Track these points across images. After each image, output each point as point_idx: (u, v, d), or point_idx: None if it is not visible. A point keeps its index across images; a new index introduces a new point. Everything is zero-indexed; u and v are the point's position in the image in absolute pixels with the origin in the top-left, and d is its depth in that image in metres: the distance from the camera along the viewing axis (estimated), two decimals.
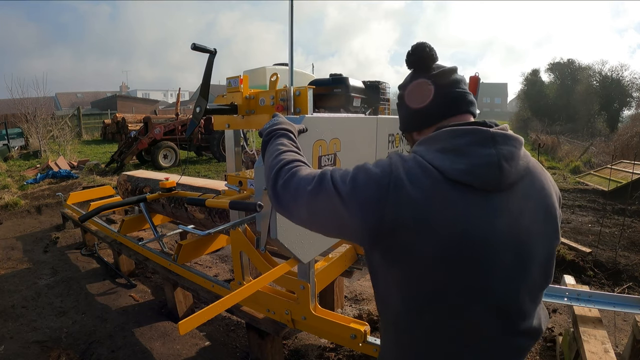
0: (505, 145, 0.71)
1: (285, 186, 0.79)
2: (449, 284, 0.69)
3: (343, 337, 1.73)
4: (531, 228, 0.74)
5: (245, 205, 1.37)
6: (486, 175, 0.69)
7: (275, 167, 0.84)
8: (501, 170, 0.69)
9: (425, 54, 0.84)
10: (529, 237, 0.73)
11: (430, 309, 0.71)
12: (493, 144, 0.70)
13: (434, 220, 0.67)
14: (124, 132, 13.22)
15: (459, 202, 0.68)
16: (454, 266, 0.68)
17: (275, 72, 1.73)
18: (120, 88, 46.27)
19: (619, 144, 11.13)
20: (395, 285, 0.74)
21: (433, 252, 0.67)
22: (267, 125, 1.04)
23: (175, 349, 2.38)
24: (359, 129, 1.78)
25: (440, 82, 0.83)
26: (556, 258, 3.21)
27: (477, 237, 0.67)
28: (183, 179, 2.98)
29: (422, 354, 0.75)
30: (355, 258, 2.57)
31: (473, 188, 0.68)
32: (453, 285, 0.69)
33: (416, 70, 0.87)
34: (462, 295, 0.69)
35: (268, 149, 0.94)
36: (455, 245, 0.67)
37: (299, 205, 0.77)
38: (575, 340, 1.95)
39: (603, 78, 20.22)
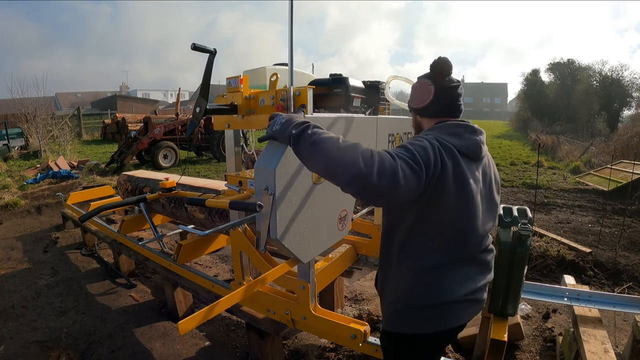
0: (480, 135, 1.20)
1: (381, 175, 0.94)
2: (455, 213, 1.10)
3: (343, 337, 1.73)
4: (492, 184, 1.25)
5: (245, 205, 1.38)
6: (475, 149, 1.16)
7: (358, 158, 0.96)
8: (481, 148, 1.18)
9: (448, 67, 1.21)
10: (492, 190, 1.25)
11: (441, 230, 1.12)
12: (475, 133, 1.19)
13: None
14: (124, 132, 13.22)
15: (463, 163, 1.10)
16: (461, 203, 1.09)
17: (275, 72, 1.73)
18: (120, 88, 46.26)
19: (619, 144, 11.12)
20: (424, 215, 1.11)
21: (453, 193, 1.07)
22: (286, 122, 1.08)
23: (175, 349, 2.38)
24: (359, 129, 1.78)
25: (450, 92, 1.23)
26: (556, 258, 3.17)
27: (472, 185, 1.11)
28: (183, 179, 2.98)
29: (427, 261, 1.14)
30: (355, 258, 2.57)
31: (468, 156, 1.13)
32: (458, 215, 1.11)
33: (438, 76, 1.22)
34: (462, 223, 1.13)
35: (322, 140, 1.00)
36: (462, 189, 1.09)
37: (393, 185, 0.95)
38: (575, 340, 1.96)
39: (603, 78, 20.19)
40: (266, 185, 1.28)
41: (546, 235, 3.88)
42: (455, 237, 1.13)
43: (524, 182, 7.04)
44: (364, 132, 1.83)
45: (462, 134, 1.15)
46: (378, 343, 1.69)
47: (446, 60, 1.20)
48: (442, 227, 1.12)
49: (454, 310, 1.16)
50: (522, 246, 1.61)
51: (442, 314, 1.15)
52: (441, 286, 1.14)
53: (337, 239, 1.79)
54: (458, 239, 1.14)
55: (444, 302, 1.14)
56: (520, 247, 1.61)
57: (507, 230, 1.68)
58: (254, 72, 1.97)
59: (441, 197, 1.06)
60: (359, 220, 2.60)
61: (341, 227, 1.76)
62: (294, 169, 1.37)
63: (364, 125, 1.82)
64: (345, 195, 1.73)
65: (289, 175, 1.34)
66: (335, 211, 1.69)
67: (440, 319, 1.15)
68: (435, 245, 1.13)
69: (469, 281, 1.17)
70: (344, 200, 1.74)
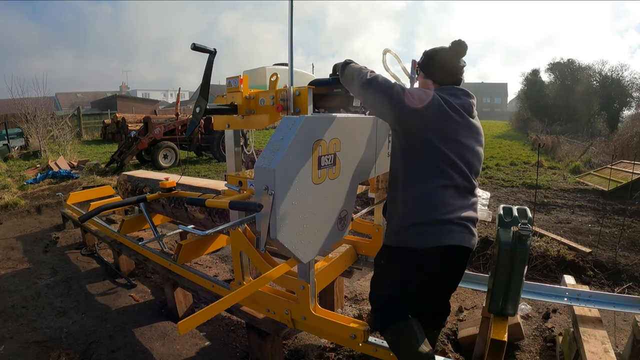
0: (473, 98, 1.57)
1: (374, 80, 1.49)
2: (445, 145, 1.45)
3: (343, 337, 1.73)
4: (478, 136, 1.56)
5: (245, 205, 1.37)
6: (467, 108, 1.52)
7: (363, 71, 1.53)
8: (472, 107, 1.55)
9: (463, 50, 1.55)
10: (478, 140, 1.55)
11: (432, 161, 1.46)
12: (468, 96, 1.55)
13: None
14: (124, 132, 13.22)
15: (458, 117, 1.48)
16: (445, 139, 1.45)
17: (275, 72, 1.73)
18: (120, 88, 46.27)
19: (619, 144, 11.12)
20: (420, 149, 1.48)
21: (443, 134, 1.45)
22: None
23: (175, 349, 2.38)
24: (359, 129, 1.78)
25: (457, 68, 1.59)
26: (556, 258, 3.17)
27: (460, 131, 1.48)
28: (183, 179, 2.98)
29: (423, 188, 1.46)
30: (355, 258, 2.57)
31: (462, 112, 1.48)
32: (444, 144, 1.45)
33: (455, 52, 1.56)
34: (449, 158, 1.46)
35: (351, 66, 1.59)
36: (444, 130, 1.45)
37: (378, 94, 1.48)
38: (575, 340, 1.95)
39: (603, 78, 20.17)
40: (266, 185, 1.28)
41: (546, 235, 3.88)
42: (444, 169, 1.44)
43: (524, 182, 7.04)
44: (363, 132, 1.83)
45: (459, 95, 1.52)
46: (378, 343, 1.69)
47: (464, 44, 1.53)
48: (433, 159, 1.45)
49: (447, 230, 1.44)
50: (522, 246, 1.61)
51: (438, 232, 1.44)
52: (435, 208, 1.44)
53: (337, 239, 1.79)
54: (446, 170, 1.45)
55: (439, 220, 1.43)
56: (520, 247, 1.61)
57: (507, 230, 1.68)
58: (254, 72, 1.97)
59: (434, 136, 1.43)
60: (359, 220, 2.59)
61: (341, 227, 1.75)
62: (294, 168, 1.37)
63: (364, 125, 1.83)
64: (345, 196, 1.73)
65: (289, 175, 1.34)
66: (335, 211, 1.69)
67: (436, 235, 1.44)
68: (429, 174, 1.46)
69: (458, 208, 1.46)
70: (344, 201, 1.74)
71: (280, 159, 1.28)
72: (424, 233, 1.43)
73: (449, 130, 1.45)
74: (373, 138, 1.92)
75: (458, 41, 1.53)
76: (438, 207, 1.43)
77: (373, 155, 1.94)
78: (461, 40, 1.52)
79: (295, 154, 1.36)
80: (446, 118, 1.44)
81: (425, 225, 1.43)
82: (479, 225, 4.35)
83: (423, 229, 1.44)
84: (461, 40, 1.52)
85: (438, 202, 1.43)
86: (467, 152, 1.48)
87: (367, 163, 1.88)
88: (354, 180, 1.78)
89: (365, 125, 1.83)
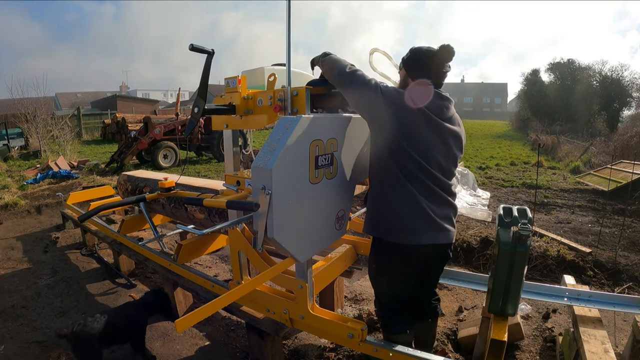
0: (450, 102, 1.60)
1: (352, 74, 1.54)
2: (413, 146, 1.50)
3: (341, 336, 1.73)
4: (452, 139, 1.59)
5: (242, 204, 1.38)
6: (439, 111, 1.55)
7: (342, 64, 1.57)
8: (447, 110, 1.58)
9: (449, 56, 1.56)
10: (452, 142, 1.59)
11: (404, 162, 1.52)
12: (445, 100, 1.58)
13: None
14: (124, 132, 13.23)
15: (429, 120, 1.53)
16: (415, 140, 1.50)
17: (274, 72, 1.73)
18: (120, 88, 46.30)
19: (619, 144, 11.11)
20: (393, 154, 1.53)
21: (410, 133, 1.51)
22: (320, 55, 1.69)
23: (175, 349, 2.38)
24: (357, 129, 1.78)
25: (441, 71, 1.58)
26: (556, 258, 3.17)
27: (426, 130, 1.52)
28: (183, 178, 2.98)
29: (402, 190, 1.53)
30: (355, 258, 2.57)
31: (430, 115, 1.51)
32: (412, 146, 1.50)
33: (442, 57, 1.55)
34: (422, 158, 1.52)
35: (332, 58, 1.62)
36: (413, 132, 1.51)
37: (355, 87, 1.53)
38: (575, 340, 1.95)
39: (603, 78, 20.15)
40: (263, 184, 1.28)
41: (546, 235, 3.87)
42: (415, 172, 1.51)
43: (524, 182, 7.03)
44: (361, 132, 1.83)
45: (434, 99, 1.55)
46: (378, 342, 1.69)
47: (452, 50, 1.52)
48: (405, 162, 1.50)
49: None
50: (522, 246, 1.61)
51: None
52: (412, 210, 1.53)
53: (334, 238, 1.79)
54: (417, 175, 1.51)
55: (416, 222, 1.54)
56: (520, 247, 1.61)
57: (507, 230, 1.68)
58: (252, 72, 1.97)
59: (396, 130, 1.49)
60: (358, 220, 2.59)
61: (338, 227, 1.75)
62: (291, 168, 1.37)
63: (361, 125, 1.82)
64: (342, 195, 1.73)
65: (286, 175, 1.34)
66: (332, 211, 1.69)
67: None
68: (403, 177, 1.51)
69: (433, 209, 1.53)
70: (342, 200, 1.74)
71: (277, 159, 1.28)
72: (393, 230, 1.56)
73: (418, 131, 1.49)
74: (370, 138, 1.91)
75: (447, 46, 1.52)
76: (414, 210, 1.52)
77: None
78: (450, 46, 1.52)
79: (293, 154, 1.36)
80: (415, 118, 1.48)
81: (393, 224, 1.56)
82: (479, 225, 4.35)
83: (392, 227, 1.56)
84: (450, 46, 1.52)
85: (414, 204, 1.51)
86: (439, 154, 1.53)
87: (365, 163, 1.88)
88: (351, 180, 1.78)
89: (362, 125, 1.82)
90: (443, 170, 1.57)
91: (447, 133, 1.56)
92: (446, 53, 1.52)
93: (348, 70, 1.54)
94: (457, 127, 1.63)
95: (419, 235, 1.53)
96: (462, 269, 2.94)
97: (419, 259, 1.63)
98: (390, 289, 1.72)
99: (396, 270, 1.66)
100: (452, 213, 1.62)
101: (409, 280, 1.69)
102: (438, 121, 1.53)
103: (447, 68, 1.57)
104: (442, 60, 1.54)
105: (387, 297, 1.74)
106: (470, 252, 3.69)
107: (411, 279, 1.70)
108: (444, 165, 1.56)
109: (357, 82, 1.51)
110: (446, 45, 1.52)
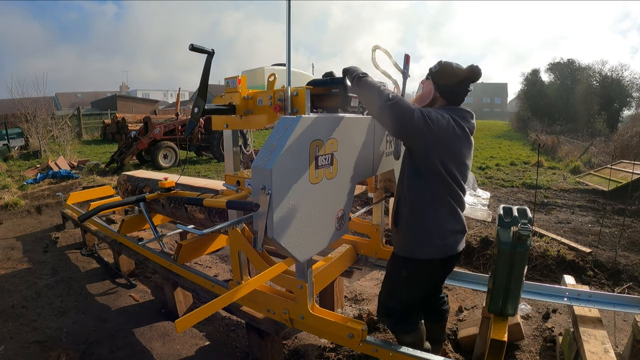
0: (474, 119, 1.70)
1: (395, 105, 1.49)
2: (454, 166, 1.59)
3: (341, 336, 1.73)
4: (471, 153, 1.68)
5: (242, 204, 1.38)
6: (472, 130, 1.65)
7: (384, 93, 1.52)
8: (474, 129, 1.68)
9: (478, 76, 1.65)
10: (468, 156, 1.66)
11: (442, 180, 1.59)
12: (473, 118, 1.68)
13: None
14: (124, 132, 13.23)
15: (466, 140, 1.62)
16: (455, 161, 1.59)
17: (274, 72, 1.73)
18: (120, 88, 46.28)
19: (619, 144, 11.11)
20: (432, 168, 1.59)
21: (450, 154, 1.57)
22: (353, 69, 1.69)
23: (175, 349, 2.38)
24: (357, 129, 1.78)
25: (465, 90, 1.68)
26: (556, 258, 3.17)
27: (463, 150, 1.62)
28: (183, 178, 2.98)
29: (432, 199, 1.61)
30: (355, 258, 2.57)
31: (469, 135, 1.62)
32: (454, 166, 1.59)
33: (470, 77, 1.64)
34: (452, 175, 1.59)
35: (368, 81, 1.60)
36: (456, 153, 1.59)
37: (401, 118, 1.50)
38: (575, 340, 1.95)
39: (603, 78, 20.15)
40: (263, 184, 1.28)
41: (546, 235, 3.87)
42: (453, 188, 1.59)
43: (524, 182, 7.03)
44: (361, 132, 1.83)
45: (467, 118, 1.64)
46: (378, 342, 1.69)
47: (480, 73, 1.62)
48: (444, 180, 1.57)
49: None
50: (522, 246, 1.61)
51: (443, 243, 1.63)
52: (445, 224, 1.62)
53: (334, 238, 1.79)
54: (454, 189, 1.60)
55: (448, 234, 1.63)
56: (520, 247, 1.61)
57: (507, 230, 1.67)
58: (252, 72, 1.97)
59: (447, 158, 1.55)
60: (358, 220, 2.59)
61: (338, 227, 1.75)
62: (291, 168, 1.37)
63: (362, 126, 1.82)
64: (342, 195, 1.73)
65: (286, 175, 1.34)
66: (332, 211, 1.69)
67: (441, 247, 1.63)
68: (441, 194, 1.59)
69: (459, 220, 1.64)
70: (341, 200, 1.74)
71: (277, 159, 1.28)
72: (436, 246, 1.62)
73: (460, 152, 1.59)
74: (371, 138, 1.91)
75: (476, 68, 1.61)
76: (447, 223, 1.62)
77: (371, 155, 1.93)
78: (478, 68, 1.62)
79: (293, 154, 1.36)
80: (458, 141, 1.57)
81: (437, 239, 1.62)
82: (479, 225, 4.35)
83: (436, 243, 1.62)
84: (478, 68, 1.62)
85: (448, 218, 1.62)
86: (467, 170, 1.66)
87: (365, 163, 1.88)
88: (351, 180, 1.78)
89: (363, 126, 1.83)
90: (466, 181, 1.71)
91: (471, 147, 1.68)
92: (475, 74, 1.62)
93: (391, 98, 1.49)
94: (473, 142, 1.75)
95: (450, 248, 1.65)
96: (462, 269, 2.93)
97: (446, 267, 1.75)
98: (408, 297, 1.76)
99: (428, 279, 1.76)
100: (464, 219, 1.74)
101: (429, 287, 1.83)
102: (471, 140, 1.65)
103: (471, 87, 1.67)
104: (470, 80, 1.63)
105: (402, 304, 1.77)
106: (470, 252, 3.69)
107: (432, 286, 1.83)
108: (465, 178, 1.69)
109: (401, 109, 1.47)
110: (475, 66, 1.61)
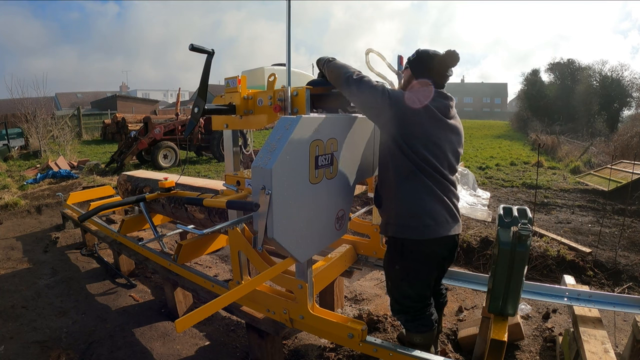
0: (451, 100, 1.67)
1: (359, 81, 1.57)
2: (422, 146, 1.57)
3: (341, 336, 1.73)
4: (456, 136, 1.67)
5: (242, 204, 1.38)
6: (444, 110, 1.62)
7: (349, 71, 1.61)
8: (450, 108, 1.65)
9: (454, 62, 1.63)
10: (455, 139, 1.67)
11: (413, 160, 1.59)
12: (446, 98, 1.65)
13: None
14: (124, 132, 13.23)
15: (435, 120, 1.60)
16: (424, 141, 1.57)
17: (274, 72, 1.73)
18: (120, 88, 46.28)
19: (619, 144, 11.11)
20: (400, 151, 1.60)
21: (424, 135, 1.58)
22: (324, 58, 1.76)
23: (175, 349, 2.38)
24: (357, 129, 1.78)
25: (445, 74, 1.67)
26: (556, 258, 3.17)
27: (436, 131, 1.60)
28: (183, 178, 2.98)
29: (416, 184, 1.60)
30: (355, 258, 2.57)
31: (438, 115, 1.59)
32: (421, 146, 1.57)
33: (447, 62, 1.62)
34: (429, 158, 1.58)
35: (336, 63, 1.68)
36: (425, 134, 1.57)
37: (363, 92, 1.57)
38: (575, 340, 1.95)
39: (603, 78, 20.15)
40: (263, 184, 1.28)
41: (546, 235, 3.88)
42: (416, 164, 1.57)
43: (524, 182, 7.03)
44: (361, 132, 1.83)
45: (442, 101, 1.62)
46: (378, 342, 1.69)
47: (457, 56, 1.59)
48: (415, 161, 1.56)
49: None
50: (522, 246, 1.61)
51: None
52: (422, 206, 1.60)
53: (334, 238, 1.79)
54: (418, 166, 1.57)
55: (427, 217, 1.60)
56: (520, 247, 1.61)
57: (507, 230, 1.67)
58: (252, 72, 1.97)
59: (406, 133, 1.55)
60: (357, 220, 2.59)
61: (338, 227, 1.75)
62: (291, 168, 1.37)
63: (362, 125, 1.83)
64: (342, 195, 1.73)
65: (286, 175, 1.34)
66: (332, 211, 1.69)
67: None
68: (413, 175, 1.58)
69: (442, 203, 1.61)
70: (342, 200, 1.74)
71: (277, 159, 1.28)
72: (418, 227, 1.59)
73: (430, 133, 1.56)
74: (371, 138, 1.92)
75: (453, 52, 1.60)
76: (420, 202, 1.59)
77: (371, 155, 1.93)
78: (455, 52, 1.60)
79: (292, 154, 1.36)
80: (429, 122, 1.56)
81: (418, 220, 1.59)
82: (479, 225, 4.35)
83: (417, 224, 1.59)
84: (455, 52, 1.60)
85: (421, 197, 1.59)
86: (445, 152, 1.61)
87: (366, 163, 1.88)
88: (351, 180, 1.78)
89: (363, 126, 1.83)
90: (450, 166, 1.65)
91: (450, 130, 1.63)
92: (451, 58, 1.60)
93: (355, 76, 1.58)
94: (459, 124, 1.71)
95: (443, 227, 1.60)
96: (462, 269, 2.94)
97: (443, 251, 1.68)
98: (413, 289, 1.73)
99: (422, 267, 1.70)
100: (457, 205, 1.72)
101: (431, 276, 1.76)
102: (443, 119, 1.60)
103: (450, 72, 1.65)
104: (447, 64, 1.62)
105: (410, 299, 1.74)
106: (470, 252, 3.70)
107: (433, 274, 1.76)
108: (451, 161, 1.65)
109: (365, 87, 1.55)
110: (452, 50, 1.59)
